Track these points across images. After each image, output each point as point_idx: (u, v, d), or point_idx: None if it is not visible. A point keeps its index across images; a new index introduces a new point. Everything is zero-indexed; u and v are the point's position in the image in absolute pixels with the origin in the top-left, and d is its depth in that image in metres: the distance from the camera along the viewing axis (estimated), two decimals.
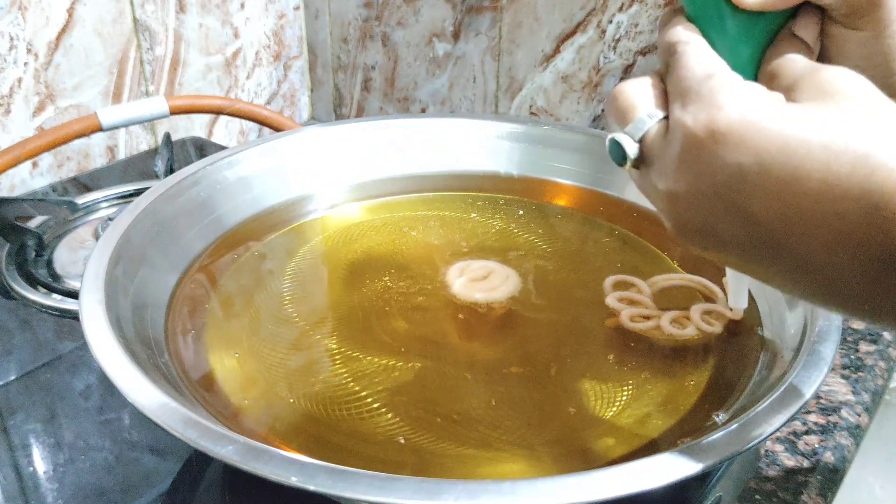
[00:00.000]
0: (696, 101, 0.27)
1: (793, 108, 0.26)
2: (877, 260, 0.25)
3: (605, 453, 0.39)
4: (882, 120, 0.26)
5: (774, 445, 0.47)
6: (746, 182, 0.26)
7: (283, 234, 0.57)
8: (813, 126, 0.25)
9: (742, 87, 0.27)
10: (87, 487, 0.43)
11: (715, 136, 0.26)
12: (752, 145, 0.26)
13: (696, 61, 0.29)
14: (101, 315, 0.40)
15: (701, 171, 0.27)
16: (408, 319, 0.48)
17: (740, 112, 0.26)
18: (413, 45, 0.91)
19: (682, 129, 0.27)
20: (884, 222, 0.25)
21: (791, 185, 0.25)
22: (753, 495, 0.43)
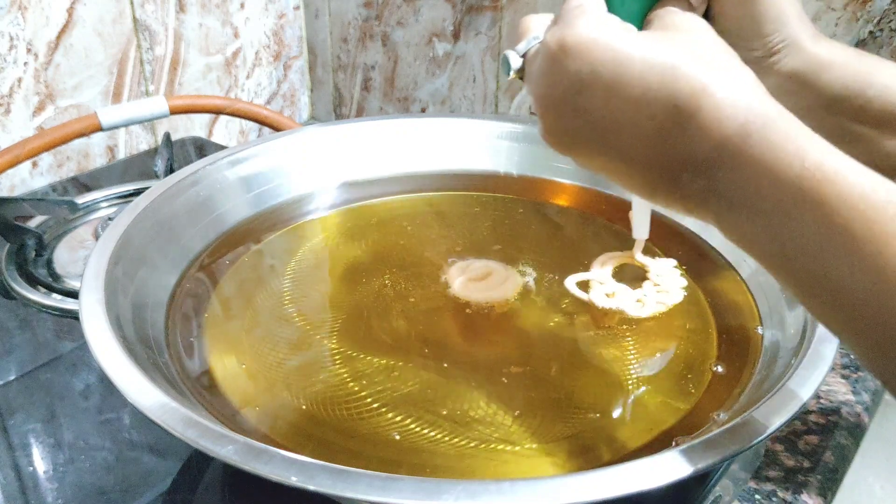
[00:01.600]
0: (560, 22, 0.32)
1: (632, 34, 0.31)
2: (683, 155, 0.30)
3: (605, 453, 0.39)
4: (698, 45, 0.31)
5: (774, 445, 0.47)
6: (586, 86, 0.31)
7: (283, 234, 0.57)
8: (642, 46, 0.31)
9: (597, 15, 0.32)
10: (87, 487, 0.43)
11: (563, 48, 0.31)
12: (589, 58, 0.31)
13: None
14: (101, 315, 0.40)
15: (552, 78, 0.32)
16: (408, 319, 0.48)
17: (586, 32, 0.31)
18: (413, 45, 0.91)
19: (544, 44, 0.33)
20: (684, 121, 0.30)
21: (617, 90, 0.30)
22: (753, 495, 0.43)
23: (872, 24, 0.63)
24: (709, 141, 0.29)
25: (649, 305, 0.48)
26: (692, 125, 0.29)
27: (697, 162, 0.30)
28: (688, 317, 0.48)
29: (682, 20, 0.33)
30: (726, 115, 0.29)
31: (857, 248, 0.26)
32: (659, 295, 0.49)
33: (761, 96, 0.30)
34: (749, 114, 0.29)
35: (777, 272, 0.29)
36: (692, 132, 0.30)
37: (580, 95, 0.31)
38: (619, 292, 0.49)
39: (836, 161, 0.27)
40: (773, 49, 0.36)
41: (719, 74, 0.30)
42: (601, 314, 0.48)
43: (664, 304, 0.48)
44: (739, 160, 0.29)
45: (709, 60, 0.30)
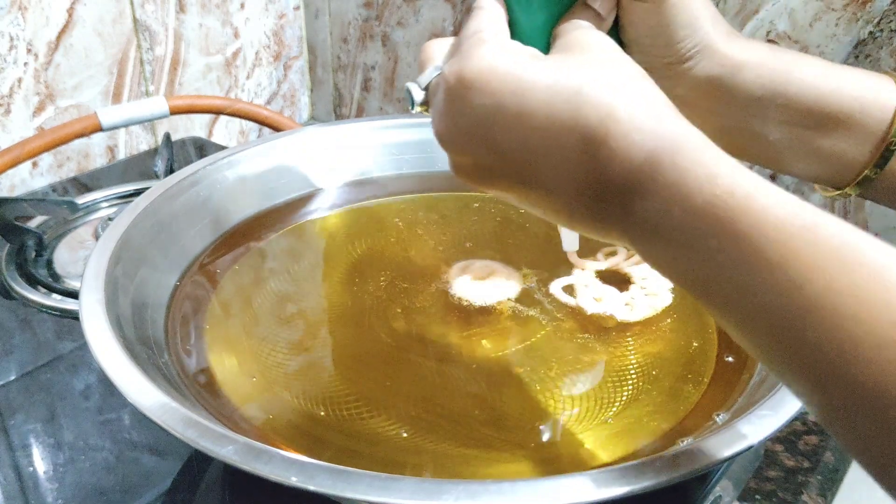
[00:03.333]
0: (457, 53, 0.31)
1: (534, 58, 0.30)
2: (595, 183, 0.29)
3: (605, 453, 0.39)
4: (603, 65, 0.30)
5: (774, 445, 0.47)
6: (490, 119, 0.30)
7: (283, 234, 0.57)
8: (544, 71, 0.29)
9: (494, 42, 0.30)
10: (87, 487, 0.43)
11: (463, 82, 0.30)
12: (491, 89, 0.29)
13: (474, 22, 0.32)
14: (101, 315, 0.40)
15: (455, 112, 0.31)
16: (408, 319, 0.48)
17: (485, 62, 0.30)
18: (413, 45, 0.91)
19: (443, 77, 0.31)
20: (593, 150, 0.28)
21: (523, 121, 0.29)
22: (753, 495, 0.43)
23: (872, 25, 0.63)
24: (619, 169, 0.28)
25: (639, 309, 0.48)
26: (602, 153, 0.28)
27: (610, 190, 0.29)
28: (687, 317, 0.48)
29: (586, 38, 0.31)
30: (634, 142, 0.28)
31: (776, 280, 0.25)
32: (647, 298, 0.49)
33: (671, 118, 0.28)
34: (658, 139, 0.27)
35: (699, 300, 0.28)
36: (602, 160, 0.28)
37: (486, 129, 0.30)
38: (606, 296, 0.49)
39: (749, 186, 0.26)
40: (685, 55, 0.35)
41: (626, 97, 0.28)
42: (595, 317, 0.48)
43: (653, 307, 0.48)
44: (650, 188, 0.27)
45: (614, 82, 0.29)
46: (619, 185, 0.28)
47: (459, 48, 0.31)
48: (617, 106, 0.28)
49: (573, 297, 0.49)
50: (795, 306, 0.24)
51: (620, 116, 0.28)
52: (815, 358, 0.24)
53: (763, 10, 0.68)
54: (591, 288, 0.50)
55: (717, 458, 0.32)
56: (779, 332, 0.25)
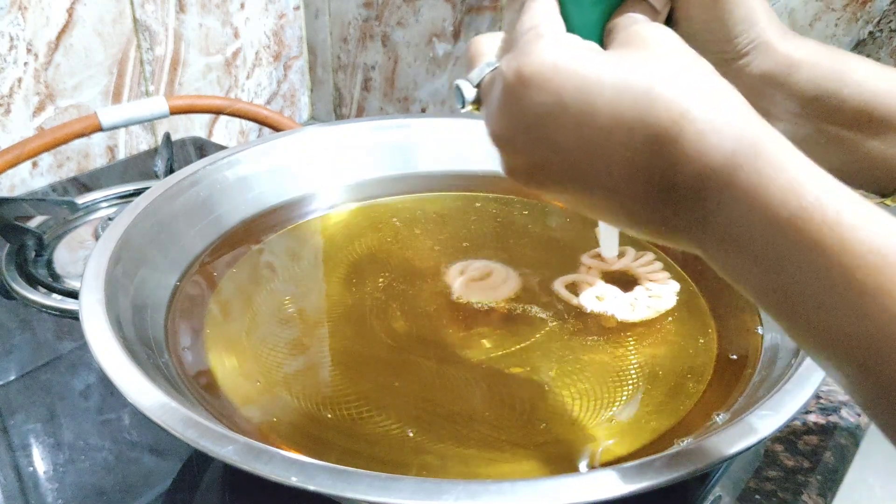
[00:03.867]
0: (514, 49, 0.30)
1: (596, 54, 0.29)
2: (664, 185, 0.28)
3: (605, 453, 0.39)
4: (672, 62, 0.28)
5: (774, 445, 0.47)
6: (551, 118, 0.28)
7: (283, 234, 0.57)
8: (608, 68, 0.28)
9: (554, 37, 0.29)
10: (87, 487, 0.43)
11: (522, 79, 0.29)
12: (553, 87, 0.28)
13: (529, 15, 0.31)
14: (101, 315, 0.40)
15: (513, 111, 0.30)
16: (408, 319, 0.48)
17: (546, 58, 0.28)
18: (413, 45, 0.91)
19: (500, 75, 0.30)
20: (663, 150, 0.27)
21: (586, 120, 0.28)
22: (753, 495, 0.43)
23: (872, 25, 0.63)
24: (693, 172, 0.27)
25: (640, 310, 0.48)
26: (673, 155, 0.27)
27: (681, 195, 0.27)
28: (687, 317, 0.48)
29: (648, 32, 0.30)
30: (712, 144, 0.26)
31: (864, 304, 0.23)
32: (651, 300, 0.49)
33: (750, 120, 0.27)
34: (737, 142, 0.26)
35: (773, 313, 0.27)
36: (673, 163, 0.27)
37: (546, 128, 0.29)
38: (609, 296, 0.49)
39: (839, 200, 0.25)
40: (742, 51, 0.34)
41: (701, 96, 0.27)
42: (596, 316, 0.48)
43: (655, 309, 0.48)
44: (728, 195, 0.26)
45: (687, 80, 0.27)
46: (693, 189, 0.27)
47: (516, 43, 0.30)
48: (691, 105, 0.27)
49: (575, 294, 0.49)
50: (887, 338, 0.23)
51: (696, 115, 0.26)
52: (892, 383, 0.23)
53: None
54: (594, 286, 0.50)
55: (717, 458, 0.32)
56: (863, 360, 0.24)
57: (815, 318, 0.25)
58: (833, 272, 0.24)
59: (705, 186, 0.27)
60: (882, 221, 0.24)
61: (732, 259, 0.27)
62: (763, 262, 0.26)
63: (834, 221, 0.24)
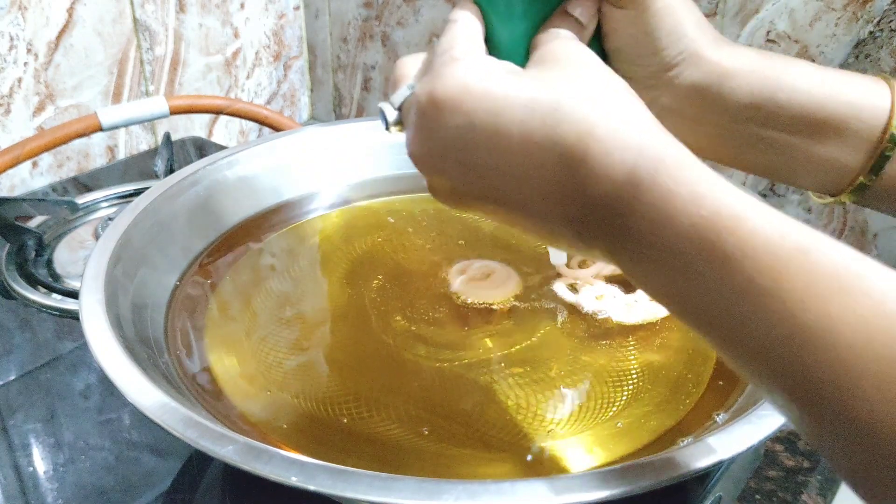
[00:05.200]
0: (429, 72, 0.30)
1: (508, 74, 0.29)
2: (576, 203, 0.28)
3: (605, 453, 0.39)
4: (581, 79, 0.28)
5: (774, 445, 0.47)
6: (465, 140, 0.29)
7: (283, 234, 0.57)
8: (519, 88, 0.28)
9: (468, 59, 0.29)
10: (87, 487, 0.43)
11: (434, 102, 0.29)
12: (465, 108, 0.28)
13: (447, 37, 0.31)
14: (101, 315, 0.40)
15: (428, 133, 0.30)
16: (408, 319, 0.48)
17: (458, 81, 0.29)
18: (413, 45, 0.91)
19: (415, 98, 0.30)
20: (571, 169, 0.27)
21: (498, 140, 0.28)
22: (753, 495, 0.43)
23: (872, 25, 0.63)
24: (600, 188, 0.27)
25: (639, 312, 0.48)
26: (581, 172, 0.27)
27: (593, 210, 0.28)
28: None
29: (564, 49, 0.30)
30: (615, 161, 0.26)
31: (768, 307, 0.23)
32: (650, 303, 0.48)
33: (653, 134, 0.27)
34: (640, 157, 0.26)
35: (687, 322, 0.27)
36: (582, 179, 0.27)
37: (460, 150, 0.29)
38: (608, 296, 0.49)
39: (736, 206, 0.25)
40: (670, 63, 0.34)
41: (606, 112, 0.27)
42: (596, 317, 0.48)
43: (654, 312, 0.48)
44: (634, 208, 0.26)
45: (594, 96, 0.28)
46: (602, 205, 0.27)
47: (431, 66, 0.30)
48: (596, 122, 0.27)
49: (575, 293, 0.49)
50: (789, 335, 0.23)
51: (600, 133, 0.27)
52: (809, 389, 0.23)
53: (763, 10, 0.68)
54: (594, 286, 0.50)
55: (717, 459, 0.32)
56: (771, 360, 0.24)
57: (728, 326, 0.25)
58: (737, 276, 0.24)
59: (613, 203, 0.27)
60: (780, 222, 0.24)
61: (645, 272, 0.27)
62: (673, 274, 0.26)
63: (732, 227, 0.24)
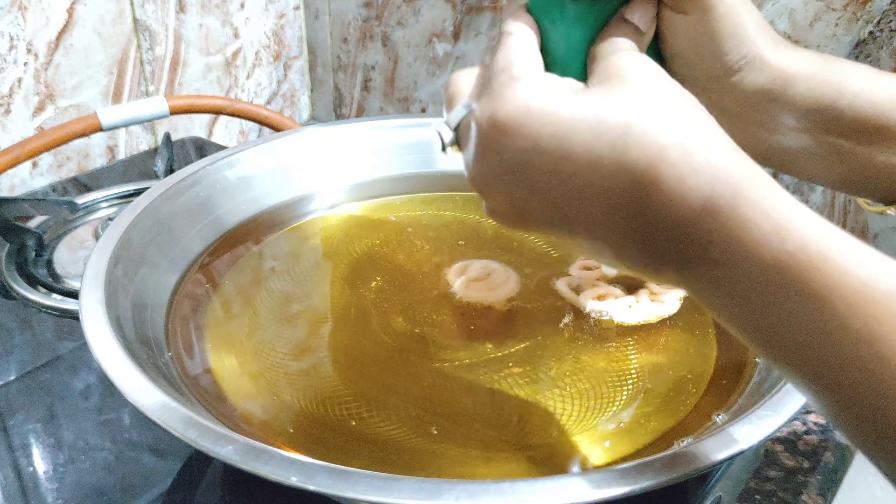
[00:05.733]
0: (488, 93, 0.29)
1: (572, 94, 0.28)
2: (646, 229, 0.27)
3: (605, 453, 0.39)
4: (648, 98, 0.27)
5: (774, 445, 0.47)
6: (528, 163, 0.28)
7: (283, 234, 0.57)
8: (585, 109, 0.27)
9: (528, 80, 0.28)
10: (87, 487, 0.43)
11: (496, 126, 0.28)
12: (528, 132, 0.27)
13: (503, 53, 0.30)
14: (101, 315, 0.40)
15: (490, 156, 0.29)
16: (408, 319, 0.48)
17: (520, 103, 0.28)
18: (413, 45, 0.91)
19: (474, 120, 0.29)
20: (642, 194, 0.26)
21: (564, 164, 0.27)
22: (753, 495, 0.43)
23: (872, 24, 0.63)
24: (673, 216, 0.26)
25: (640, 312, 0.48)
26: (652, 199, 0.26)
27: (663, 238, 0.27)
28: (687, 320, 0.48)
29: (627, 64, 0.29)
30: (690, 187, 0.26)
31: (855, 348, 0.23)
32: (653, 304, 0.48)
33: (730, 157, 0.26)
34: (717, 183, 0.25)
35: (764, 355, 0.26)
36: (653, 207, 0.26)
37: (524, 173, 0.28)
38: (609, 296, 0.49)
39: (824, 241, 0.24)
40: (734, 67, 0.33)
41: (678, 134, 0.26)
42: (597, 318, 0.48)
43: (656, 313, 0.48)
44: (711, 238, 0.26)
45: (664, 117, 0.27)
46: (674, 233, 0.26)
47: (490, 85, 0.29)
48: (668, 146, 0.26)
49: (576, 293, 0.49)
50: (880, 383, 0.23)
51: (673, 158, 0.26)
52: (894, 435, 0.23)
53: (763, 10, 0.68)
54: (597, 287, 0.49)
55: (717, 459, 0.32)
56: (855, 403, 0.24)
57: (811, 363, 0.24)
58: (825, 316, 0.23)
59: (686, 230, 0.26)
60: (869, 259, 0.24)
61: (722, 302, 0.27)
62: (753, 307, 0.25)
63: (819, 265, 0.24)
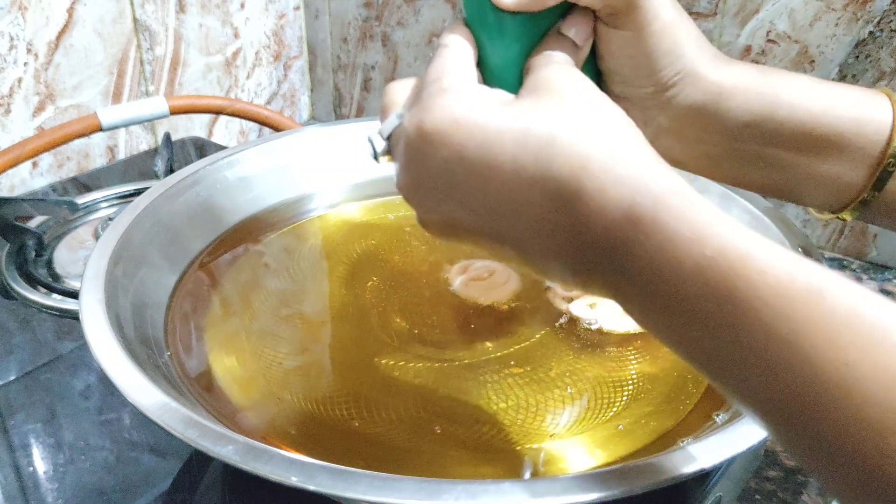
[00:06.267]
0: (417, 103, 0.29)
1: (500, 106, 0.28)
2: (571, 241, 0.27)
3: (605, 453, 0.39)
4: (575, 110, 0.27)
5: (774, 445, 0.47)
6: (455, 174, 0.28)
7: (283, 234, 0.57)
8: (511, 120, 0.27)
9: (458, 90, 0.28)
10: (87, 487, 0.43)
11: (423, 135, 0.28)
12: (455, 142, 0.27)
13: (436, 65, 0.30)
14: (101, 315, 0.40)
15: (417, 166, 0.29)
16: (408, 319, 0.48)
17: (447, 113, 0.28)
18: (413, 45, 0.91)
19: (403, 130, 0.29)
20: (566, 206, 0.26)
21: (490, 174, 0.27)
22: (753, 495, 0.43)
23: (872, 25, 0.63)
24: (597, 227, 0.26)
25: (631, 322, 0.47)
26: (576, 210, 0.26)
27: (588, 250, 0.26)
28: None
29: (557, 76, 0.29)
30: (611, 197, 0.25)
31: (781, 353, 0.22)
32: None
33: (651, 168, 0.26)
34: (637, 193, 0.25)
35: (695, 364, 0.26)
36: (577, 218, 0.26)
37: (450, 184, 0.28)
38: (600, 304, 0.48)
39: (742, 244, 0.24)
40: (668, 83, 0.33)
41: (602, 146, 0.26)
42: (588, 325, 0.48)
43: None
44: (634, 248, 0.25)
45: (590, 129, 0.26)
46: (599, 244, 0.26)
47: (420, 96, 0.29)
48: (591, 157, 0.26)
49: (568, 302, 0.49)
50: (805, 385, 0.22)
51: (595, 169, 0.26)
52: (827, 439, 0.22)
53: (763, 10, 0.68)
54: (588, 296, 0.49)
55: (717, 459, 0.32)
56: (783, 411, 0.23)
57: (739, 370, 0.24)
58: (747, 319, 0.23)
59: (611, 241, 0.26)
60: (788, 260, 0.23)
61: (645, 312, 0.26)
62: (675, 316, 0.25)
63: (739, 267, 0.23)
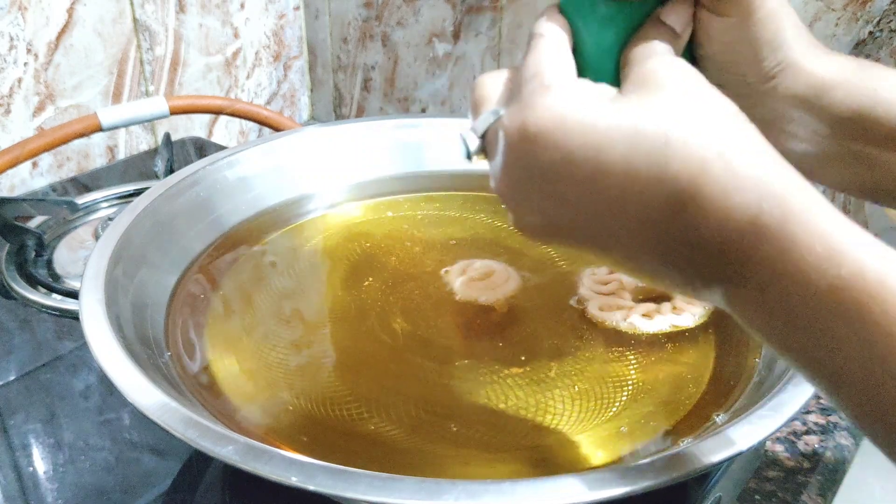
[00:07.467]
0: (517, 101, 0.28)
1: (606, 103, 0.26)
2: (686, 247, 0.26)
3: (605, 453, 0.39)
4: (688, 106, 0.26)
5: (774, 445, 0.47)
6: (560, 176, 0.26)
7: (283, 234, 0.57)
8: (620, 118, 0.26)
9: (560, 87, 0.27)
10: (87, 487, 0.43)
11: (527, 136, 0.27)
12: (560, 143, 0.26)
13: (534, 57, 0.29)
14: (101, 315, 0.40)
15: (519, 168, 0.28)
16: (408, 319, 0.48)
17: (552, 112, 0.26)
18: (413, 45, 0.91)
19: (503, 128, 0.28)
20: (682, 210, 0.25)
21: (598, 177, 0.26)
22: (753, 495, 0.43)
23: (872, 25, 0.63)
24: (715, 234, 0.24)
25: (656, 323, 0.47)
26: (692, 215, 0.25)
27: (703, 256, 0.25)
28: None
29: (663, 69, 0.27)
30: (735, 204, 0.24)
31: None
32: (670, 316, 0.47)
33: (777, 172, 0.25)
34: (763, 200, 0.24)
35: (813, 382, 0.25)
36: (693, 223, 0.25)
37: (555, 186, 0.27)
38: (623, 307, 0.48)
39: (878, 264, 0.23)
40: (769, 73, 0.31)
41: (721, 148, 0.24)
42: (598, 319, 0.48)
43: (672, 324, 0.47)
44: (758, 258, 0.24)
45: (705, 127, 0.25)
46: (716, 251, 0.25)
47: (520, 92, 0.28)
48: (710, 158, 0.24)
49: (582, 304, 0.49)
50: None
51: (716, 172, 0.24)
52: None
53: None
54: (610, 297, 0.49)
55: (718, 458, 0.32)
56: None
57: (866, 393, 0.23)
58: (884, 343, 0.22)
59: (730, 249, 0.24)
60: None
61: (766, 324, 0.25)
62: (800, 331, 0.24)
63: (877, 291, 0.22)
